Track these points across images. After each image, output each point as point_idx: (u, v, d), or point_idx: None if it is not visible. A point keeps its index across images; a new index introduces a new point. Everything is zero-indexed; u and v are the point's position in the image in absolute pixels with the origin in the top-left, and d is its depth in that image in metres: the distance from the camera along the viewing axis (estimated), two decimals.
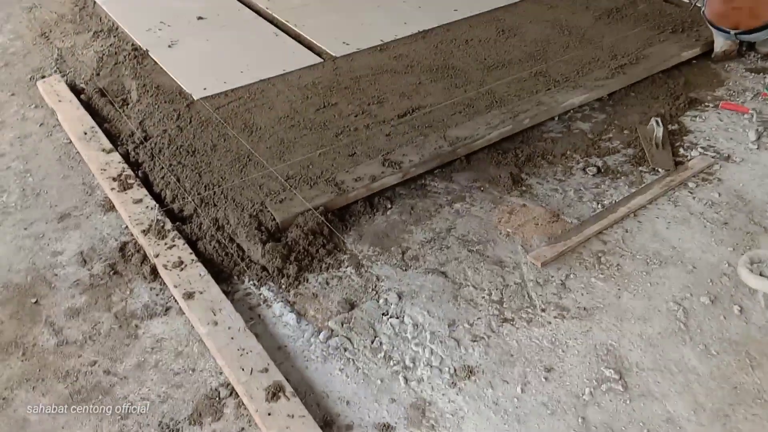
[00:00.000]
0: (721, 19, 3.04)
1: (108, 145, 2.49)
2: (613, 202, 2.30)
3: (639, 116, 2.76)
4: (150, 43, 3.14)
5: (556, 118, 2.74)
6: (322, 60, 3.02)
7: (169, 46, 3.12)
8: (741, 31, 3.02)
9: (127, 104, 2.78)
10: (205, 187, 2.24)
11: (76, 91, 2.89)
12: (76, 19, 3.54)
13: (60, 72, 3.07)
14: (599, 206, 2.29)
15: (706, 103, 2.87)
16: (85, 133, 2.56)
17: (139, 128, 2.58)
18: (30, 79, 3.03)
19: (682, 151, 2.58)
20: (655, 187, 2.35)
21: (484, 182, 2.39)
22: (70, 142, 2.59)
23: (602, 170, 2.46)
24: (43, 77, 3.01)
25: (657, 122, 2.63)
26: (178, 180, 2.29)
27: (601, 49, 3.11)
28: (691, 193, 2.36)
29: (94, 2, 3.61)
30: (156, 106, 2.69)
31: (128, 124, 2.61)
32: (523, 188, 2.37)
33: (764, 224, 2.21)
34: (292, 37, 3.23)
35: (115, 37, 3.29)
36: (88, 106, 2.78)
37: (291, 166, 2.33)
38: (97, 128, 2.58)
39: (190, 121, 2.58)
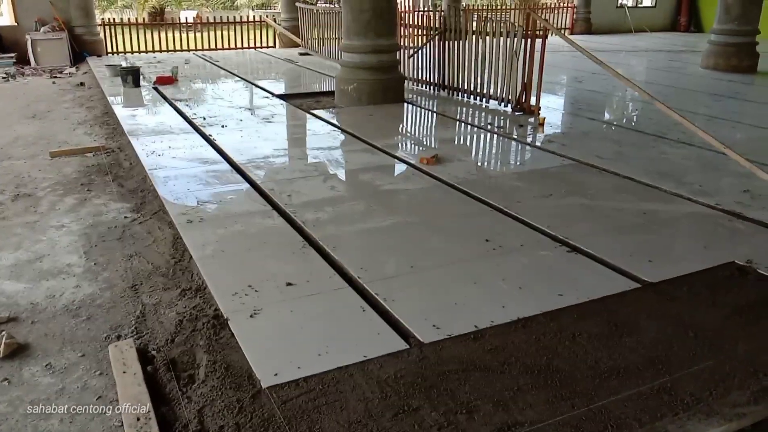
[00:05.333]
0: None
1: None
2: None
3: None
4: (232, 310, 3.00)
5: None
6: (407, 346, 2.73)
7: (251, 316, 2.96)
8: None
9: (193, 383, 2.55)
10: None
11: (147, 359, 2.73)
12: (168, 273, 3.54)
13: (137, 333, 2.95)
14: None
15: None
16: (138, 419, 2.31)
17: (197, 418, 2.30)
18: (105, 338, 2.91)
19: None
20: None
21: None
22: (122, 425, 2.34)
23: None
24: (119, 337, 2.90)
25: None
26: None
27: (736, 360, 2.63)
28: None
29: (191, 257, 3.64)
30: (220, 392, 2.43)
31: (186, 412, 2.35)
32: None
33: None
34: (380, 313, 3.00)
35: (200, 298, 3.21)
36: (152, 380, 2.58)
37: None
38: (152, 414, 2.33)
39: (251, 418, 2.28)
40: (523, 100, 7.64)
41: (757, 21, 11.54)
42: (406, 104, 8.27)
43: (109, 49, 13.64)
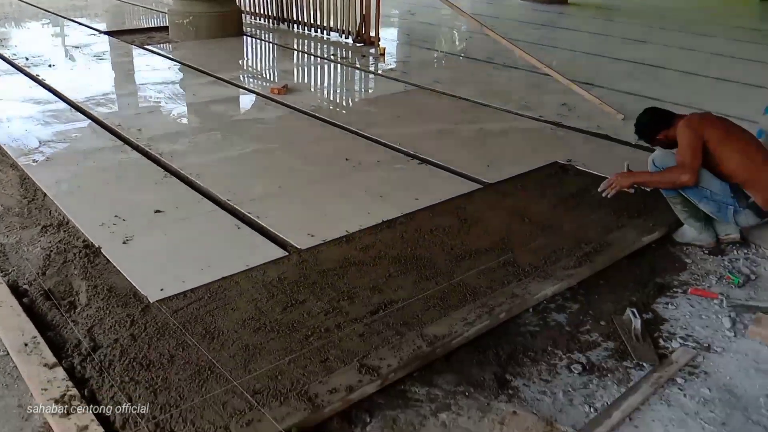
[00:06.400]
0: None
1: (51, 358, 2.23)
2: (606, 404, 2.17)
3: (613, 305, 2.73)
4: (103, 239, 2.99)
5: (531, 310, 2.67)
6: (287, 253, 2.92)
7: (124, 243, 2.97)
8: None
9: (75, 308, 2.56)
10: (161, 408, 1.99)
11: (18, 293, 2.67)
12: (23, 213, 3.38)
13: (2, 271, 2.85)
14: (592, 409, 2.15)
15: (675, 289, 2.88)
16: (26, 345, 2.30)
17: (87, 337, 2.35)
18: None
19: (662, 342, 2.52)
20: (645, 385, 2.24)
21: (468, 386, 2.23)
22: (7, 354, 2.32)
23: (587, 367, 2.35)
24: None
25: (633, 313, 2.59)
26: (130, 400, 2.03)
27: (563, 236, 3.15)
28: (681, 389, 2.25)
29: (45, 195, 3.50)
30: (107, 311, 2.48)
31: (75, 332, 2.38)
32: (510, 391, 2.22)
33: (763, 422, 2.10)
34: (255, 230, 3.15)
35: (65, 232, 3.14)
36: (31, 311, 2.55)
37: (258, 377, 2.12)
38: (39, 338, 2.33)
39: (146, 328, 2.37)
40: (363, 32, 7.85)
41: None
42: (246, 37, 8.15)
43: None
